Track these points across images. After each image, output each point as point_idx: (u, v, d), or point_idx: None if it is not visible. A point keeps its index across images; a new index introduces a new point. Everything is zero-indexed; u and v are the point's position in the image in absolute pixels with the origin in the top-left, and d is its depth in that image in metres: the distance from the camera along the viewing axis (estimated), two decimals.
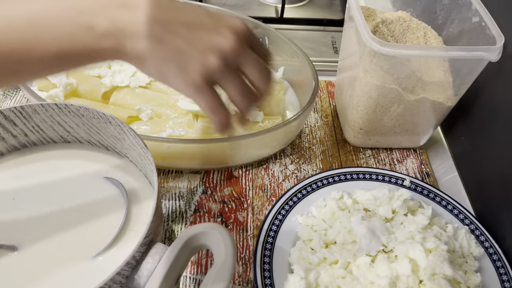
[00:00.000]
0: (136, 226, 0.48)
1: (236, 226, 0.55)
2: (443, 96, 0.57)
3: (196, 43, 0.35)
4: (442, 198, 0.56)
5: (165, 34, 0.35)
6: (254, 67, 0.38)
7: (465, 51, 0.50)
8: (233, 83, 0.38)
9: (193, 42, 0.35)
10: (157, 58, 0.35)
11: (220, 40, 0.36)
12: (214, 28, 0.36)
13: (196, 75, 0.35)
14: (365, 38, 0.50)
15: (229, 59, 0.36)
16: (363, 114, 0.59)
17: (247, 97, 0.39)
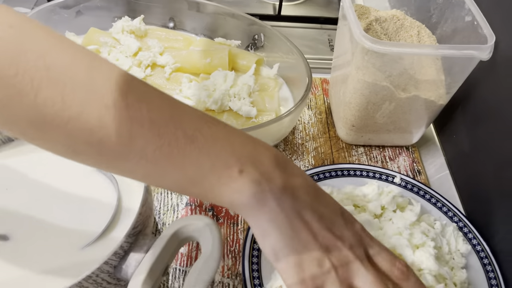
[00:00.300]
0: (126, 218, 0.49)
1: (227, 220, 0.56)
2: (435, 94, 0.57)
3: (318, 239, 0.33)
4: (432, 195, 0.57)
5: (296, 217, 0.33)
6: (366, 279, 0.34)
7: (456, 50, 0.50)
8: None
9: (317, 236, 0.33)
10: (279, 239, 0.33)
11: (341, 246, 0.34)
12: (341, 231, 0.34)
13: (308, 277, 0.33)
14: (356, 35, 0.50)
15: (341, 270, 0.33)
16: (355, 111, 0.60)
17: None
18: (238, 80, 0.67)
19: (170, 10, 0.77)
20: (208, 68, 0.69)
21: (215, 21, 0.77)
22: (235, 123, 0.62)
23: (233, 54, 0.71)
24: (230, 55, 0.71)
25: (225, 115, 0.63)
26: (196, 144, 0.31)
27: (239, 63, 0.72)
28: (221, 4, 0.90)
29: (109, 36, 0.71)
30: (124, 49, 0.70)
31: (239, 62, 0.72)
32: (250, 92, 0.67)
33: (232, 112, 0.64)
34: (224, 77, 0.66)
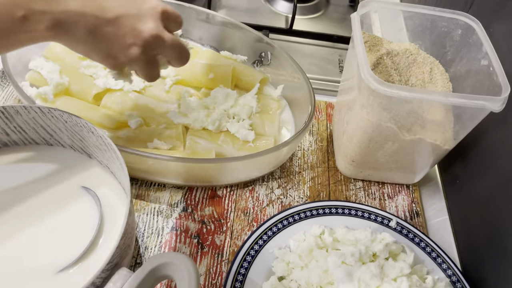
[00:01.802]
0: (106, 242, 0.47)
1: (212, 250, 0.54)
2: (441, 138, 0.55)
3: (122, 36, 0.42)
4: (427, 244, 0.54)
5: (97, 27, 0.40)
6: (172, 50, 0.46)
7: (467, 99, 0.47)
8: (144, 69, 0.46)
9: (120, 34, 0.42)
10: (87, 46, 0.42)
11: (141, 29, 0.42)
12: (137, 17, 0.42)
13: (118, 62, 0.44)
14: (363, 74, 0.48)
15: (148, 48, 0.43)
16: (356, 147, 0.57)
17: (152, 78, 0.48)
18: (239, 100, 0.65)
19: None
20: (210, 84, 0.67)
21: (223, 33, 0.74)
22: (231, 146, 0.60)
23: (238, 70, 0.69)
24: (234, 71, 0.68)
25: (222, 136, 0.61)
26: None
27: (243, 80, 0.70)
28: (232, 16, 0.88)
29: None
30: None
31: (243, 79, 0.70)
32: (251, 114, 0.64)
33: (229, 134, 0.61)
34: (226, 95, 0.64)
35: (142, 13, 0.42)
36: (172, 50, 0.46)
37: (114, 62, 0.44)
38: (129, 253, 0.46)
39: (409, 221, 0.60)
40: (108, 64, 0.44)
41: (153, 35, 0.43)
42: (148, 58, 0.44)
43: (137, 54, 0.43)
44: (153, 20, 0.43)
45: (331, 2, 0.99)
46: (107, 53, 0.42)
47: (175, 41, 0.46)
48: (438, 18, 0.59)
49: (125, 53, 0.43)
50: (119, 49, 0.42)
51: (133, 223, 0.47)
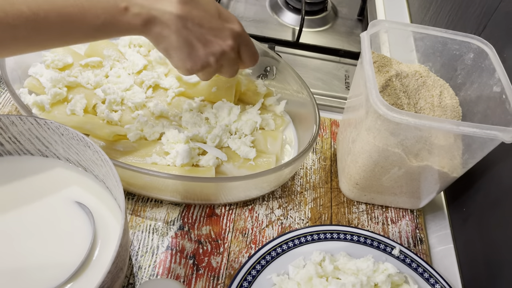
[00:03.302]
0: (99, 261, 0.46)
1: (208, 272, 0.52)
2: (449, 165, 0.53)
3: (204, 43, 0.48)
4: (431, 274, 0.53)
5: (182, 27, 0.45)
6: (230, 68, 0.53)
7: (479, 129, 0.45)
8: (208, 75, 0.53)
9: (202, 40, 0.47)
10: (170, 43, 0.47)
11: (222, 44, 0.49)
12: (220, 31, 0.48)
13: (195, 68, 0.49)
14: (372, 98, 0.46)
15: (221, 60, 0.50)
16: (361, 171, 0.55)
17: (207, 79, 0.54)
18: (242, 115, 0.63)
19: None
20: (213, 97, 0.65)
21: None
22: (232, 163, 0.58)
23: (242, 84, 0.67)
24: (238, 85, 0.67)
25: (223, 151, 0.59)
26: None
27: (246, 94, 0.68)
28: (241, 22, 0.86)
29: (115, 49, 0.67)
30: (129, 65, 0.66)
31: (247, 93, 0.68)
32: (254, 129, 0.63)
33: (230, 150, 0.60)
34: (229, 110, 0.62)
35: (224, 29, 0.49)
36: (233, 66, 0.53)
37: (192, 67, 0.49)
38: (121, 275, 0.44)
39: (412, 248, 0.58)
40: (187, 68, 0.49)
41: (230, 50, 0.49)
42: (217, 68, 0.51)
43: (213, 63, 0.49)
44: (233, 38, 0.49)
45: (339, 15, 0.98)
46: (187, 56, 0.48)
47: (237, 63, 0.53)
48: (450, 41, 0.57)
49: (203, 60, 0.48)
50: (199, 56, 0.48)
51: (126, 244, 0.45)
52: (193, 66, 0.49)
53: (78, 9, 0.41)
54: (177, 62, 0.49)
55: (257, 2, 0.95)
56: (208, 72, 0.52)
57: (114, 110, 0.61)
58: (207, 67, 0.50)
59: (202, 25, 0.47)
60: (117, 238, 0.44)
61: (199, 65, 0.49)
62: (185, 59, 0.48)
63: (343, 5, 1.00)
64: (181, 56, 0.48)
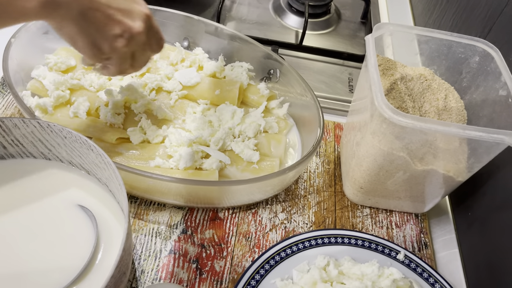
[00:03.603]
0: (102, 265, 0.45)
1: (211, 276, 0.51)
2: (454, 169, 0.52)
3: (112, 25, 0.42)
4: (437, 280, 0.52)
5: (87, 9, 0.40)
6: (142, 55, 0.48)
7: (484, 133, 0.45)
8: (119, 64, 0.47)
9: (109, 23, 0.42)
10: (74, 27, 0.41)
11: (131, 25, 0.43)
12: (128, 12, 0.43)
13: (103, 52, 0.44)
14: (377, 102, 0.46)
15: (132, 44, 0.45)
16: (365, 174, 0.55)
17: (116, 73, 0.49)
18: (246, 118, 0.63)
19: (186, 30, 0.73)
20: (216, 100, 0.65)
21: (231, 47, 0.72)
22: (235, 166, 0.58)
23: (245, 87, 0.67)
24: (241, 88, 0.66)
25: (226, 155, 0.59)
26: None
27: (249, 97, 0.68)
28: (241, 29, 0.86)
29: None
30: None
31: (250, 96, 0.68)
32: (258, 132, 0.62)
33: (233, 153, 0.59)
34: (232, 113, 0.62)
35: (133, 10, 0.44)
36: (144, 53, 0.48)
37: (97, 52, 0.44)
38: (124, 280, 0.44)
39: (417, 252, 0.58)
40: (90, 53, 0.44)
41: (140, 32, 0.44)
42: (126, 54, 0.46)
43: (122, 47, 0.44)
44: (143, 20, 0.45)
45: (343, 18, 0.97)
46: (93, 39, 0.43)
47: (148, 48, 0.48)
48: (455, 44, 0.57)
49: (111, 43, 0.43)
50: (106, 38, 0.43)
51: (129, 248, 0.45)
52: (100, 51, 0.44)
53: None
54: (83, 48, 0.44)
55: (260, 5, 0.95)
56: (116, 60, 0.46)
57: (117, 113, 0.60)
58: (114, 51, 0.44)
59: (109, 5, 0.42)
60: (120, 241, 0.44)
61: (106, 49, 0.44)
62: (92, 44, 0.43)
63: (346, 8, 1.00)
64: (86, 40, 0.42)
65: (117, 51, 0.44)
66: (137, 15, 0.44)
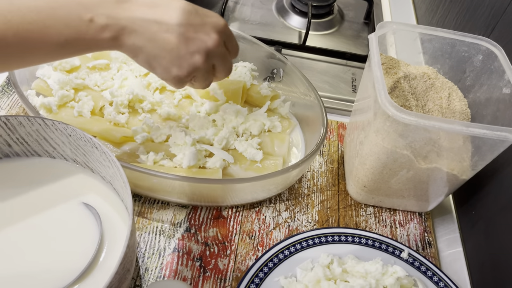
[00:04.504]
0: (106, 263, 0.45)
1: (215, 274, 0.51)
2: (458, 168, 0.52)
3: (185, 43, 0.41)
4: (440, 278, 0.52)
5: (158, 32, 0.40)
6: (224, 63, 0.46)
7: (488, 130, 0.45)
8: (202, 78, 0.46)
9: (182, 42, 0.41)
10: (149, 53, 0.41)
11: (206, 39, 0.42)
12: (201, 26, 0.42)
13: (183, 72, 0.43)
14: (381, 99, 0.46)
15: (210, 57, 0.43)
16: (369, 173, 0.55)
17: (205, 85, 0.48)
18: (249, 117, 0.63)
19: None
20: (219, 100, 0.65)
21: None
22: (238, 165, 0.58)
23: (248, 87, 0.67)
24: (245, 88, 0.67)
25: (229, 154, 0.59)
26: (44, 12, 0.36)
27: (253, 96, 0.68)
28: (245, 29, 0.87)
29: None
30: (136, 67, 0.66)
31: (254, 95, 0.68)
32: (262, 131, 0.63)
33: (237, 152, 0.59)
34: (236, 112, 0.62)
35: (206, 23, 0.43)
36: (226, 62, 0.47)
37: (179, 73, 0.43)
38: (128, 277, 0.44)
39: (420, 251, 0.58)
40: (174, 76, 0.43)
41: (216, 45, 0.43)
42: (207, 67, 0.44)
43: (200, 63, 0.43)
44: (216, 31, 0.43)
45: (346, 18, 0.98)
46: (169, 61, 0.42)
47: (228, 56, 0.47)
48: (459, 43, 0.57)
49: (189, 60, 0.42)
50: (182, 57, 0.42)
51: (133, 246, 0.45)
52: (180, 71, 0.43)
53: (38, 26, 0.36)
54: (162, 73, 0.43)
55: (264, 6, 0.95)
56: (200, 76, 0.45)
57: (121, 112, 0.61)
58: (195, 69, 0.43)
59: (180, 23, 0.41)
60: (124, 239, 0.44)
61: (185, 68, 0.43)
62: (169, 66, 0.42)
63: (349, 9, 1.00)
64: (164, 64, 0.42)
65: (197, 68, 0.43)
66: (211, 28, 0.43)
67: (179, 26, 0.41)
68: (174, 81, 0.44)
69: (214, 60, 0.45)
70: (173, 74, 0.43)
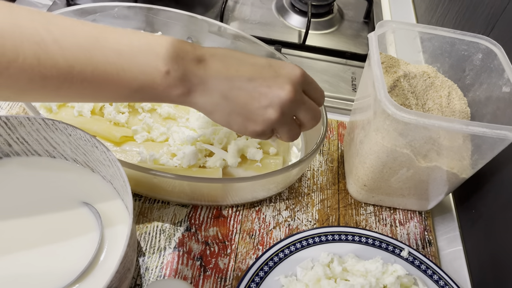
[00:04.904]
0: (106, 263, 0.45)
1: (215, 273, 0.51)
2: (458, 166, 0.52)
3: (258, 98, 0.40)
4: (441, 277, 0.52)
5: (230, 90, 0.40)
6: (307, 113, 0.44)
7: (488, 128, 0.45)
8: (284, 131, 0.44)
9: (255, 96, 0.40)
10: (224, 111, 0.41)
11: (279, 93, 0.40)
12: (273, 79, 0.41)
13: (258, 126, 0.42)
14: (381, 98, 0.46)
15: (286, 110, 0.41)
16: (368, 172, 0.55)
17: (292, 137, 0.45)
18: None
19: (189, 29, 0.74)
20: None
21: (234, 46, 0.73)
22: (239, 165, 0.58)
23: None
24: None
25: None
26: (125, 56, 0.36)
27: None
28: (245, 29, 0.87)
29: None
30: None
31: None
32: None
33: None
34: None
35: (279, 76, 0.41)
36: (309, 112, 0.44)
37: (255, 128, 0.42)
38: (128, 276, 0.44)
39: (421, 250, 0.58)
40: (251, 131, 0.42)
41: (290, 96, 0.41)
42: (287, 120, 0.43)
43: (275, 117, 0.41)
44: (291, 82, 0.41)
45: (345, 18, 0.98)
46: (244, 117, 0.41)
47: (311, 104, 0.44)
48: (458, 41, 0.57)
49: (263, 116, 0.41)
50: (255, 112, 0.41)
51: (134, 245, 0.45)
52: (256, 127, 0.42)
53: (116, 68, 0.36)
54: (239, 129, 0.43)
55: (263, 5, 0.95)
56: (282, 130, 0.44)
57: (121, 112, 0.61)
58: (271, 123, 0.42)
59: (252, 79, 0.40)
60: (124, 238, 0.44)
61: (260, 124, 0.41)
62: (244, 123, 0.42)
63: (349, 8, 1.00)
64: (239, 121, 0.42)
65: (273, 122, 0.42)
66: (285, 80, 0.41)
67: (250, 81, 0.40)
68: (254, 136, 0.43)
69: (293, 112, 0.43)
70: (249, 130, 0.42)
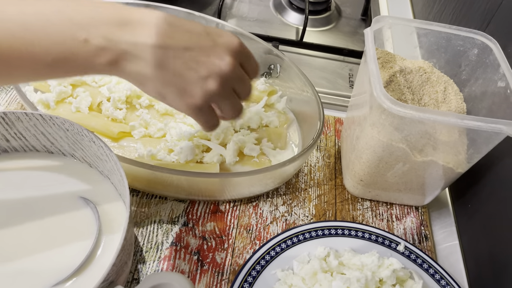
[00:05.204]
0: (104, 256, 0.46)
1: (212, 268, 0.52)
2: (454, 161, 0.53)
3: (195, 68, 0.37)
4: (436, 270, 0.52)
5: (166, 58, 0.36)
6: (243, 85, 0.42)
7: (483, 122, 0.45)
8: (227, 104, 0.41)
9: (193, 66, 0.37)
10: (157, 82, 0.37)
11: (218, 63, 0.38)
12: (212, 49, 0.38)
13: (196, 99, 0.38)
14: (376, 92, 0.46)
15: (225, 81, 0.39)
16: (365, 167, 0.55)
17: (236, 111, 0.43)
18: (246, 111, 0.63)
19: None
20: None
21: None
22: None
23: None
24: None
25: None
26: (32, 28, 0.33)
27: None
28: (242, 26, 0.87)
29: None
30: None
31: None
32: (259, 126, 0.63)
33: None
34: None
35: (217, 45, 0.38)
36: (245, 85, 0.42)
37: (193, 101, 0.38)
38: (126, 269, 0.44)
39: (417, 244, 0.58)
40: (188, 105, 0.39)
41: (231, 68, 0.38)
42: (227, 92, 0.40)
43: (215, 88, 0.38)
44: (230, 53, 0.39)
45: (343, 15, 0.98)
46: (181, 89, 0.38)
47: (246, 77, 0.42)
48: (454, 37, 0.57)
49: (202, 87, 0.38)
50: (194, 83, 0.38)
51: (131, 239, 0.45)
52: (194, 99, 0.38)
53: (23, 42, 0.33)
54: (174, 103, 0.39)
55: (261, 2, 0.96)
56: (224, 104, 0.41)
57: (119, 108, 0.61)
58: (211, 96, 0.39)
59: (189, 47, 0.37)
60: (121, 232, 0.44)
61: (199, 96, 0.38)
62: (181, 95, 0.38)
63: (346, 5, 1.00)
64: (174, 92, 0.38)
65: (212, 94, 0.39)
66: (223, 50, 0.38)
67: (186, 50, 0.37)
68: (191, 111, 0.40)
69: (230, 84, 0.40)
70: (186, 103, 0.39)
